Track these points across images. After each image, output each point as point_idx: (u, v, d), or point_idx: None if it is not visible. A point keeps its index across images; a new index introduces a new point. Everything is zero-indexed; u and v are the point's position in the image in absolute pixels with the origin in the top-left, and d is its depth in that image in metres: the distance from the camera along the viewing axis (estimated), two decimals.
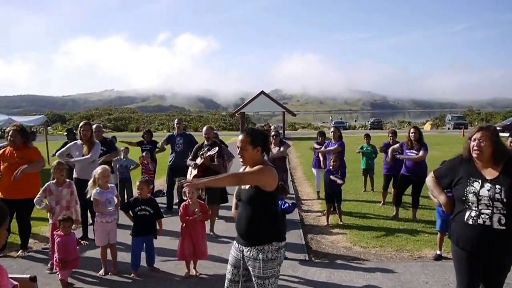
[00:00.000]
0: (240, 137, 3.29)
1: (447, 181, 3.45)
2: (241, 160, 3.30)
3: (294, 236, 6.84)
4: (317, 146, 9.81)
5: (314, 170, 10.17)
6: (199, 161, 7.16)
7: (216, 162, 7.11)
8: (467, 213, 3.25)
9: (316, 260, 5.92)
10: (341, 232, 7.27)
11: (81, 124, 7.13)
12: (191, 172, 7.27)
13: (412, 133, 7.90)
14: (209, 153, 7.06)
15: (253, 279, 3.27)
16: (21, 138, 6.18)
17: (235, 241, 3.43)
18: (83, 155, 6.83)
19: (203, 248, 5.37)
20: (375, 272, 5.39)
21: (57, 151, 10.39)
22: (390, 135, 9.44)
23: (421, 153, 7.71)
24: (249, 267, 3.28)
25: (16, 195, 6.00)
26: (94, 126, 7.40)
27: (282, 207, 5.74)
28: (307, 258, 5.94)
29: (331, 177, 7.70)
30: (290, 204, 5.52)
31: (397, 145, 8.36)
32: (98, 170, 5.53)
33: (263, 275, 3.21)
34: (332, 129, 9.39)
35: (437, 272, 5.32)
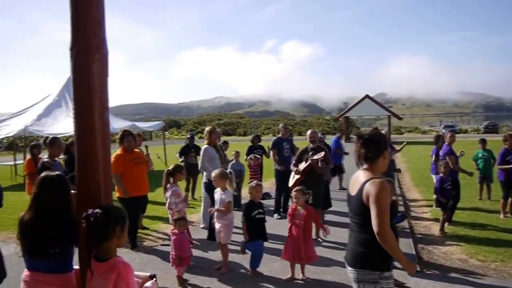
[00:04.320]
0: None
1: None
2: None
3: (403, 245, 6.53)
4: None
5: (433, 177, 9.67)
6: (303, 165, 7.27)
7: (320, 165, 7.15)
8: None
9: (428, 272, 5.64)
10: (455, 243, 6.84)
11: (211, 129, 7.72)
12: (294, 177, 7.41)
13: None
14: (316, 156, 7.13)
15: None
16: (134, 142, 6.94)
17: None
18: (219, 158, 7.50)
19: (310, 252, 5.37)
20: None
21: (180, 153, 11.26)
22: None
23: None
24: None
25: (140, 192, 6.73)
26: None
27: None
28: (419, 269, 5.64)
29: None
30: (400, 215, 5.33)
31: None
32: (216, 172, 5.91)
33: None
34: (449, 134, 8.86)
35: None
